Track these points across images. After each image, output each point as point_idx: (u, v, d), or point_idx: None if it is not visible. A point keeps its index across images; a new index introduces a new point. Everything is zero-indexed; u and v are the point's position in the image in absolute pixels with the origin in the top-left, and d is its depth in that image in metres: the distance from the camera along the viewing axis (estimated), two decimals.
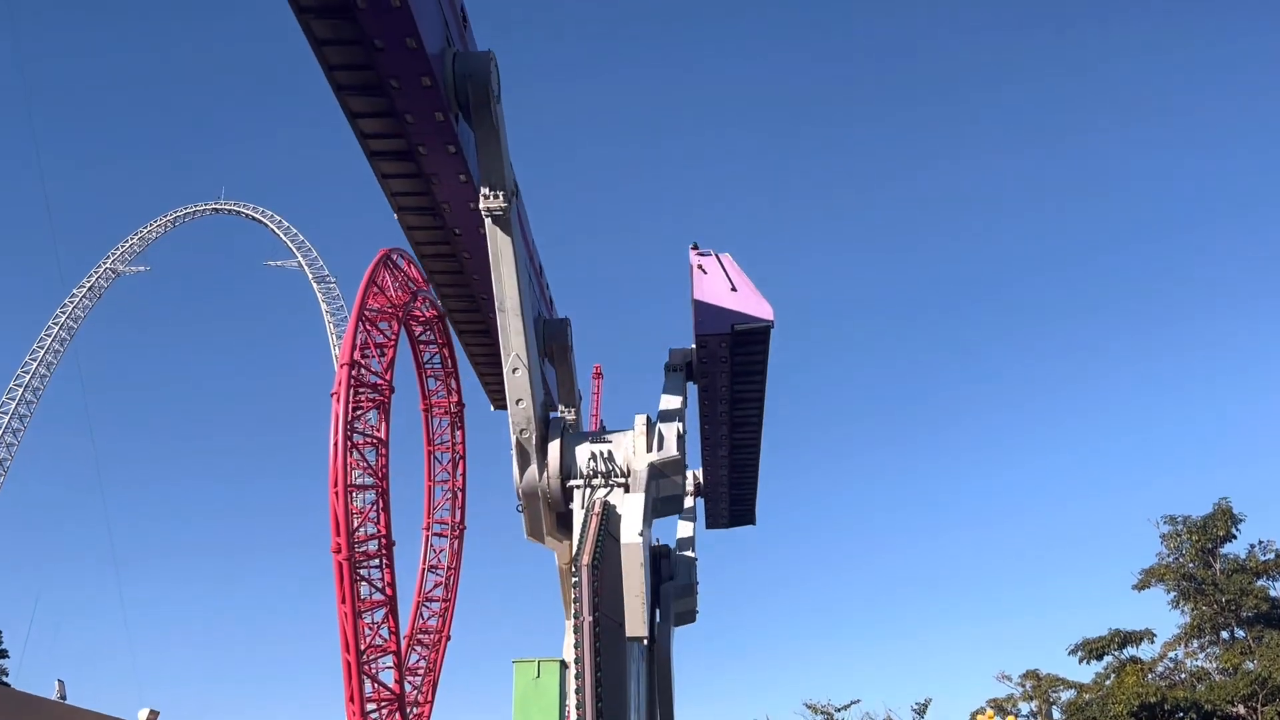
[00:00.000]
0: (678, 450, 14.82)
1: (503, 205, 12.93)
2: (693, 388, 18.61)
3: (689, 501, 21.13)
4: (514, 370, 13.90)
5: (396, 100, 11.89)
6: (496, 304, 13.72)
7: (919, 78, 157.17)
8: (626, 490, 14.26)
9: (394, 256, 45.57)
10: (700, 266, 18.40)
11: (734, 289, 17.82)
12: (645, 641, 13.97)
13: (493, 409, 21.04)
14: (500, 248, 13.35)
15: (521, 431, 14.28)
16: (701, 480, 22.22)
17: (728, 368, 18.34)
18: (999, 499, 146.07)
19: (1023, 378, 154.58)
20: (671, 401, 16.57)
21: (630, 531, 13.12)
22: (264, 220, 68.26)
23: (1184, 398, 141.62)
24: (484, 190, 12.95)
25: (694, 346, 18.25)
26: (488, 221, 13.19)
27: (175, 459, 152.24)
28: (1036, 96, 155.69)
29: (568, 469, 14.57)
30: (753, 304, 17.73)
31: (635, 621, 12.77)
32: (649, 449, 14.46)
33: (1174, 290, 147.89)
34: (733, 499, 23.58)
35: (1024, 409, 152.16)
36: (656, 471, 14.63)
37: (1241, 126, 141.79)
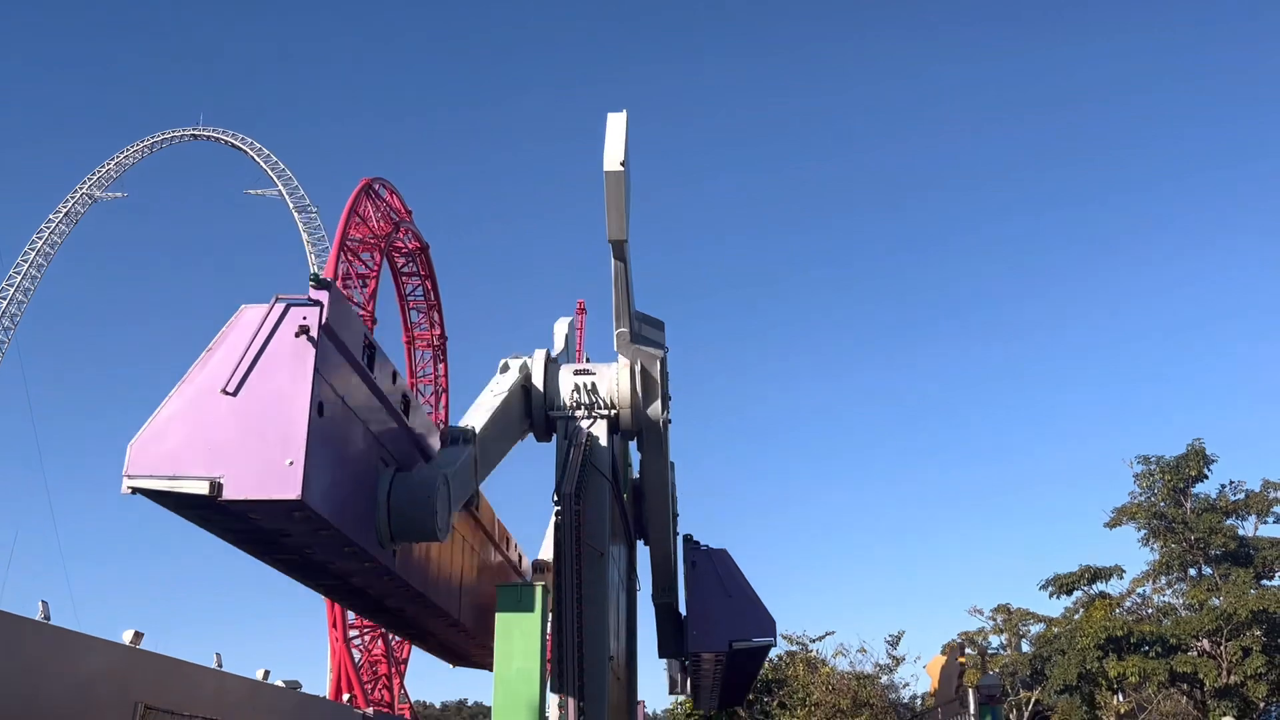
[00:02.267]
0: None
1: None
2: None
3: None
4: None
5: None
6: None
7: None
8: (610, 422, 14.32)
9: (376, 186, 45.04)
10: (693, 562, 17.56)
11: (729, 595, 17.03)
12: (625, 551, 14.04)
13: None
14: None
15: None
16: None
17: (720, 669, 18.14)
18: (976, 439, 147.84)
19: (998, 319, 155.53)
20: None
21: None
22: (243, 147, 67.19)
23: (1162, 340, 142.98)
24: None
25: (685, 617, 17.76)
26: None
27: (150, 389, 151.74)
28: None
29: (550, 399, 14.58)
30: (751, 618, 16.98)
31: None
32: (632, 384, 14.47)
33: (1149, 232, 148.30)
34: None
35: (1002, 351, 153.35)
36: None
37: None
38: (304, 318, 8.35)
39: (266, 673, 23.61)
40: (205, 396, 7.95)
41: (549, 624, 11.71)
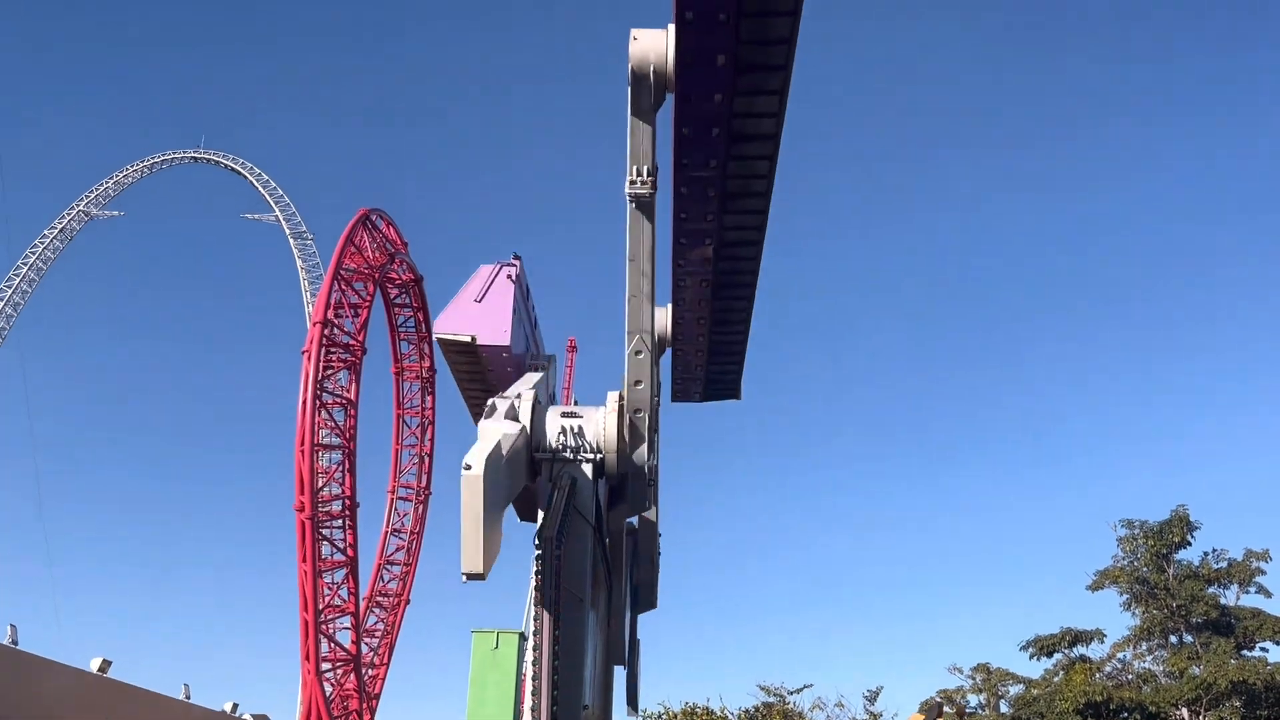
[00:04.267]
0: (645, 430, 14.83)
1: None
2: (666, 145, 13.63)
3: (644, 350, 15.52)
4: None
5: (495, 387, 17.58)
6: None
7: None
8: (595, 466, 14.25)
9: (373, 217, 45.06)
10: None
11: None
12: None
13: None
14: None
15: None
16: (670, 328, 16.69)
17: (730, 36, 11.43)
18: (959, 495, 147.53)
19: (986, 377, 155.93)
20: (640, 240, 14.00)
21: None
22: (243, 172, 67.41)
23: (1151, 404, 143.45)
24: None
25: (670, 25, 12.28)
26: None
27: (136, 409, 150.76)
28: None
29: (536, 440, 14.52)
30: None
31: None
32: (619, 429, 14.42)
33: (1138, 294, 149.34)
34: (714, 349, 17.90)
35: (989, 409, 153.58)
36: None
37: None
38: (510, 272, 18.83)
39: (235, 705, 23.30)
40: (467, 300, 18.38)
41: (524, 672, 11.55)
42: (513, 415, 14.21)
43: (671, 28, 12.17)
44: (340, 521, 39.90)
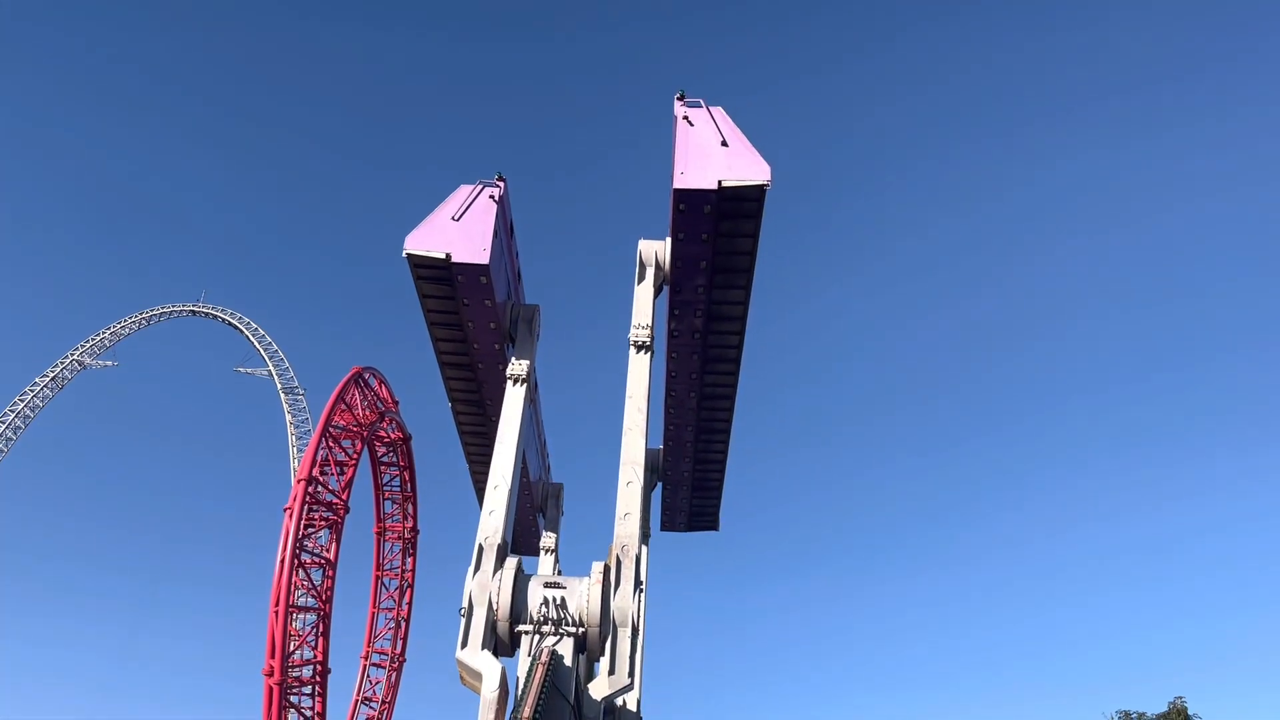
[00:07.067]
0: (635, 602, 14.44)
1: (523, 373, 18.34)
2: (662, 307, 18.31)
3: (635, 479, 16.69)
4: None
5: (470, 335, 17.63)
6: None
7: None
8: (576, 641, 13.77)
9: (366, 375, 45.20)
10: (686, 118, 16.03)
11: (725, 144, 15.30)
12: None
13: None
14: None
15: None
16: (661, 462, 20.34)
17: (709, 249, 16.11)
18: (958, 680, 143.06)
19: (979, 557, 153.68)
20: (642, 313, 17.07)
21: None
22: (240, 327, 68.15)
23: (1147, 592, 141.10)
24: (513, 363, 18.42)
25: (668, 238, 16.75)
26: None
27: (103, 562, 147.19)
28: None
29: (518, 612, 14.07)
30: (746, 161, 15.12)
31: None
32: (603, 601, 14.01)
33: (1141, 474, 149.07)
34: (697, 484, 21.40)
35: (984, 590, 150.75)
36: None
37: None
38: (493, 192, 18.03)
39: None
40: (443, 218, 17.43)
41: None
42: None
43: (669, 240, 16.31)
44: (310, 689, 38.40)
